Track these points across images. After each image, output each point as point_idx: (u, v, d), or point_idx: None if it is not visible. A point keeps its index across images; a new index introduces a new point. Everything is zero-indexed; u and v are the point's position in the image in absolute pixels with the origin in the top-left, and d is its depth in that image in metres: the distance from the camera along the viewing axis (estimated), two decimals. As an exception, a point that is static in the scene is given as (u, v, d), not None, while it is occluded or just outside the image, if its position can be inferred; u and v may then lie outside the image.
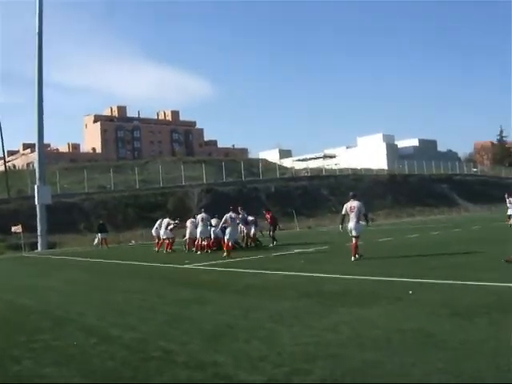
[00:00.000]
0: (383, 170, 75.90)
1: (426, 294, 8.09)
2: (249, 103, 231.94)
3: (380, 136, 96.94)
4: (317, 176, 67.35)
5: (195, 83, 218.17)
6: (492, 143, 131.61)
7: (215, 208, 24.63)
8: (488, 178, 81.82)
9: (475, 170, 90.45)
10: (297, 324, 6.44)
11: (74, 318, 7.89)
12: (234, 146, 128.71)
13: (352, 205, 14.31)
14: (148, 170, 60.06)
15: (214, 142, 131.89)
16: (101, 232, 31.68)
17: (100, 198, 47.21)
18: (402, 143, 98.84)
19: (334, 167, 75.48)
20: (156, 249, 23.78)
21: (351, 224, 14.25)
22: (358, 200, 14.43)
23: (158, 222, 24.84)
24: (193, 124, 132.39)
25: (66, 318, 7.94)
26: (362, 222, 14.63)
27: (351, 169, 72.46)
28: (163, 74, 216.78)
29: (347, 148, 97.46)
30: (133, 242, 35.56)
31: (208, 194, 48.17)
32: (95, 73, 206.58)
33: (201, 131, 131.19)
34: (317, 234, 31.09)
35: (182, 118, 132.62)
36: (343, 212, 14.55)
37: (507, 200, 24.32)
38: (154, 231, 25.33)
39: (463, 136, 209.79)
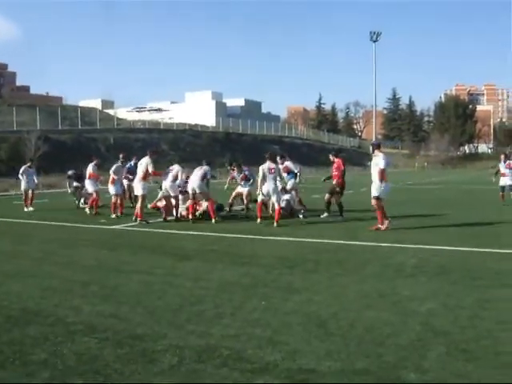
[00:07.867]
0: (217, 127, 76.65)
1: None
2: (64, 48, 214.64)
3: (209, 93, 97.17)
4: (155, 129, 65.72)
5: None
6: (304, 109, 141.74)
7: (54, 157, 20.30)
8: (313, 142, 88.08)
9: (299, 133, 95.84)
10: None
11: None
12: (48, 93, 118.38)
13: (271, 166, 12.81)
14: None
15: (27, 88, 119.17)
16: None
17: None
18: (229, 102, 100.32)
19: (169, 121, 74.05)
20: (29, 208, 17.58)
21: (269, 187, 12.71)
22: (288, 160, 13.25)
23: (24, 169, 18.12)
24: (4, 66, 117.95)
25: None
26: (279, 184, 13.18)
27: (188, 124, 71.96)
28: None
29: (172, 103, 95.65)
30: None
31: (46, 143, 44.02)
32: None
33: (13, 75, 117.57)
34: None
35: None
36: (260, 174, 12.77)
37: (505, 163, 19.38)
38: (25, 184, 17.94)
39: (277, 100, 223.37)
